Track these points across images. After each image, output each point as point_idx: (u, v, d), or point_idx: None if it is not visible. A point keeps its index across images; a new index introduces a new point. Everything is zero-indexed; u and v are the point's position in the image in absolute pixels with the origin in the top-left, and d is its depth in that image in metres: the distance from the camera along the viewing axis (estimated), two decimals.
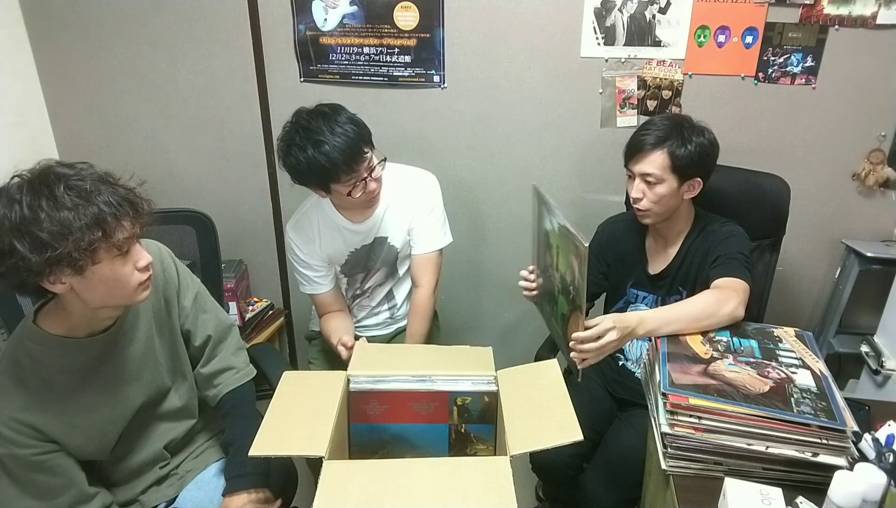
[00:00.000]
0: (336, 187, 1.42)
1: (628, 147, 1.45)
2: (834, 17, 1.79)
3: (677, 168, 1.38)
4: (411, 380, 1.23)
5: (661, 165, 1.38)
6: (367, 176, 1.42)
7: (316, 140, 1.34)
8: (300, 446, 1.06)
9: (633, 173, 1.43)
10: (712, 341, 1.22)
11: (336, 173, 1.36)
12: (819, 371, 1.12)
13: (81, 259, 0.95)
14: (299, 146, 1.35)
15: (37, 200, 0.93)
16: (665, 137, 1.39)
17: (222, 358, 1.33)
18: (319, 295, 1.65)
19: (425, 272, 1.65)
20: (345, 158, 1.34)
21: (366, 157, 1.40)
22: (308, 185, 1.44)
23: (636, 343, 1.56)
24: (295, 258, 1.62)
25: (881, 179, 1.91)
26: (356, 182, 1.41)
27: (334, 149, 1.33)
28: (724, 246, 1.40)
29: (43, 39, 2.00)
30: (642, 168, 1.40)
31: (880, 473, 0.91)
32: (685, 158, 1.38)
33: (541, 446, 1.05)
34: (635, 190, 1.42)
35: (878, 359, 1.75)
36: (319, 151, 1.33)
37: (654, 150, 1.39)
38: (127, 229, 1.01)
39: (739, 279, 1.31)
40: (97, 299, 1.04)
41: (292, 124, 1.40)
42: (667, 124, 1.41)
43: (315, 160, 1.34)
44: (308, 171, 1.37)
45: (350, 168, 1.37)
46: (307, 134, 1.35)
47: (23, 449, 1.05)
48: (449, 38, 1.94)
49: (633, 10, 1.85)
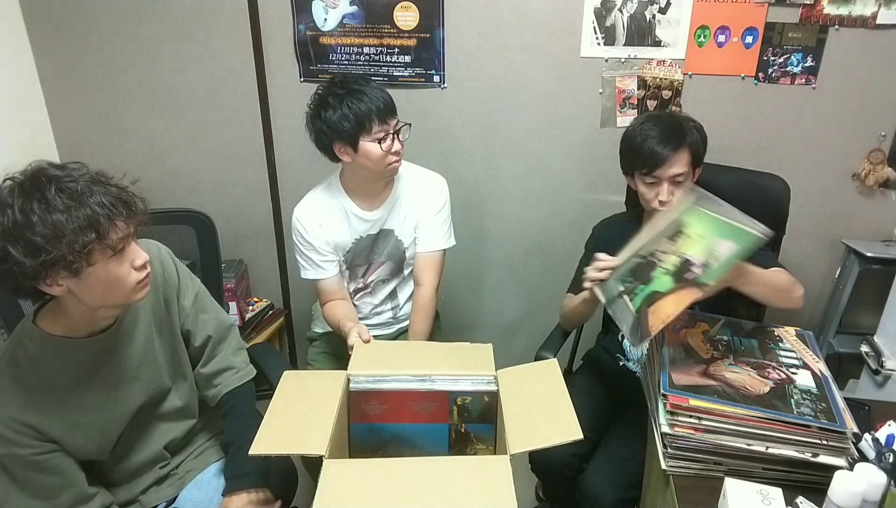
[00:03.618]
0: (365, 141, 1.45)
1: (648, 153, 1.41)
2: (834, 17, 1.79)
3: (695, 160, 1.43)
4: (411, 380, 1.23)
5: (687, 161, 1.41)
6: (395, 134, 1.48)
7: (354, 90, 1.44)
8: (300, 445, 1.06)
9: (660, 178, 1.41)
10: (713, 340, 1.22)
11: (370, 119, 1.43)
12: (819, 372, 1.12)
13: (76, 262, 0.94)
14: (338, 96, 1.44)
15: (29, 203, 0.93)
16: (683, 134, 1.41)
17: (222, 358, 1.32)
18: (323, 280, 1.62)
19: (428, 271, 1.65)
20: (378, 107, 1.43)
21: (395, 116, 1.49)
22: (338, 137, 1.46)
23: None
24: (300, 240, 1.60)
25: (881, 179, 1.91)
26: (385, 136, 1.46)
27: (371, 99, 1.43)
28: None
29: (43, 39, 2.00)
30: (674, 170, 1.40)
31: (880, 473, 0.91)
32: (698, 149, 1.43)
33: (541, 445, 1.05)
34: (664, 193, 1.41)
35: (878, 359, 1.75)
36: (358, 99, 1.42)
37: (681, 150, 1.40)
38: (121, 229, 1.00)
39: (782, 268, 1.32)
40: (95, 300, 1.04)
41: (327, 86, 1.49)
42: (671, 123, 1.42)
43: (353, 106, 1.42)
44: (342, 119, 1.43)
45: (383, 118, 1.44)
46: (345, 87, 1.45)
47: (22, 449, 1.06)
48: (449, 38, 1.94)
49: (633, 10, 1.85)
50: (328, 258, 1.62)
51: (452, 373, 1.24)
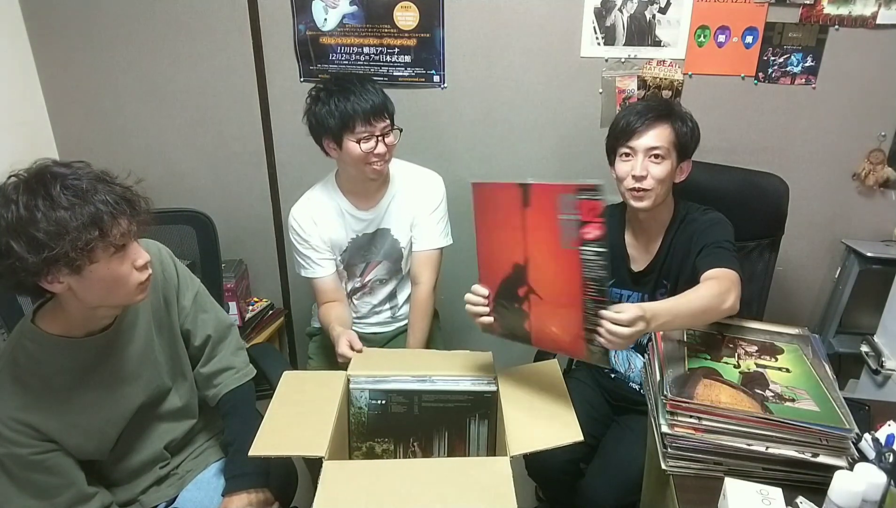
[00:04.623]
0: (349, 140, 1.46)
1: (624, 124, 1.37)
2: (834, 17, 1.79)
3: (679, 145, 1.36)
4: (411, 380, 1.23)
5: (668, 138, 1.35)
6: (380, 136, 1.47)
7: (345, 88, 1.46)
8: (300, 446, 1.06)
9: (635, 150, 1.35)
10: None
11: (353, 119, 1.44)
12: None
13: (78, 259, 0.95)
14: (328, 91, 1.47)
15: (33, 200, 0.93)
16: (666, 112, 1.37)
17: (222, 358, 1.32)
18: (320, 279, 1.63)
19: (425, 270, 1.65)
20: (364, 110, 1.44)
21: (385, 119, 1.48)
22: (324, 132, 1.48)
23: (622, 355, 1.55)
24: (296, 238, 1.61)
25: (881, 179, 1.91)
26: (369, 137, 1.46)
27: (359, 98, 1.44)
28: (710, 235, 1.36)
29: (43, 39, 2.00)
30: (647, 142, 1.34)
31: (880, 473, 0.91)
32: (686, 135, 1.37)
33: (541, 447, 1.05)
34: (639, 167, 1.34)
35: (878, 359, 1.75)
36: (345, 99, 1.44)
37: (659, 123, 1.35)
38: (124, 228, 1.00)
39: (732, 270, 1.27)
40: (95, 299, 1.04)
41: (326, 80, 1.55)
42: (659, 103, 1.39)
43: (339, 105, 1.44)
44: (328, 115, 1.45)
45: (367, 121, 1.45)
46: (338, 84, 1.48)
47: (21, 448, 1.05)
48: (449, 38, 1.94)
49: (633, 10, 1.85)
50: (325, 257, 1.62)
51: (453, 373, 1.24)
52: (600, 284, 1.02)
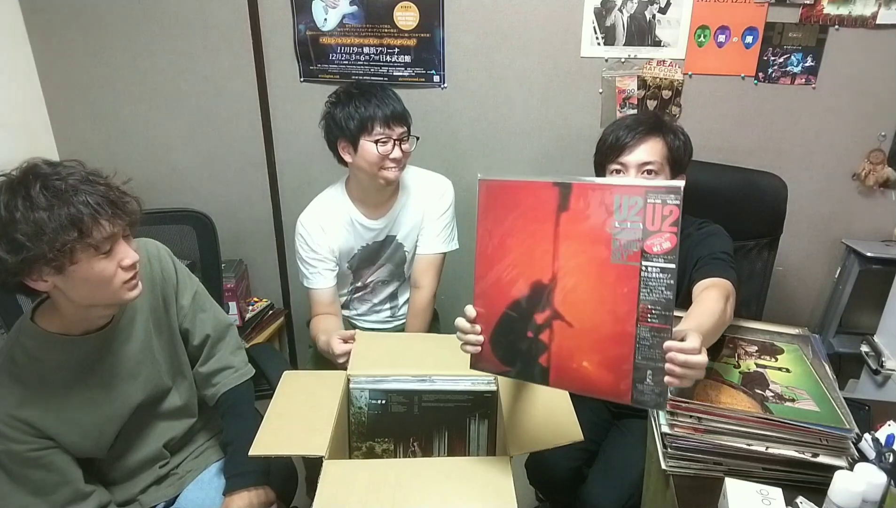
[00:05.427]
0: (366, 141, 1.47)
1: (614, 140, 1.35)
2: (834, 17, 1.79)
3: (672, 160, 1.35)
4: (411, 380, 1.23)
5: (660, 153, 1.33)
6: (397, 141, 1.48)
7: (367, 93, 1.49)
8: (300, 446, 1.06)
9: (626, 166, 1.34)
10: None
11: (372, 122, 1.46)
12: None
13: (57, 259, 0.95)
14: (349, 95, 1.50)
15: (14, 200, 0.93)
16: (657, 125, 1.35)
17: (221, 357, 1.32)
18: (321, 290, 1.61)
19: (427, 274, 1.65)
20: (384, 114, 1.47)
21: (403, 126, 1.51)
22: (342, 134, 1.49)
23: None
24: (303, 247, 1.60)
25: (881, 179, 1.91)
26: (386, 140, 1.47)
27: (380, 102, 1.48)
28: (706, 246, 1.34)
29: (43, 39, 2.00)
30: (640, 157, 1.32)
31: (880, 473, 0.91)
32: (679, 149, 1.35)
33: (541, 446, 1.05)
34: None
35: (878, 359, 1.75)
36: (367, 102, 1.47)
37: (651, 136, 1.33)
38: (106, 229, 0.99)
39: (727, 280, 1.24)
40: (82, 298, 1.04)
41: (348, 85, 1.56)
42: (648, 117, 1.38)
43: (359, 107, 1.47)
44: (348, 117, 1.47)
45: (387, 124, 1.47)
46: (360, 89, 1.51)
47: (18, 445, 1.06)
48: (449, 38, 1.94)
49: (633, 10, 1.85)
50: (328, 267, 1.61)
51: (453, 373, 1.24)
52: (664, 308, 0.84)
